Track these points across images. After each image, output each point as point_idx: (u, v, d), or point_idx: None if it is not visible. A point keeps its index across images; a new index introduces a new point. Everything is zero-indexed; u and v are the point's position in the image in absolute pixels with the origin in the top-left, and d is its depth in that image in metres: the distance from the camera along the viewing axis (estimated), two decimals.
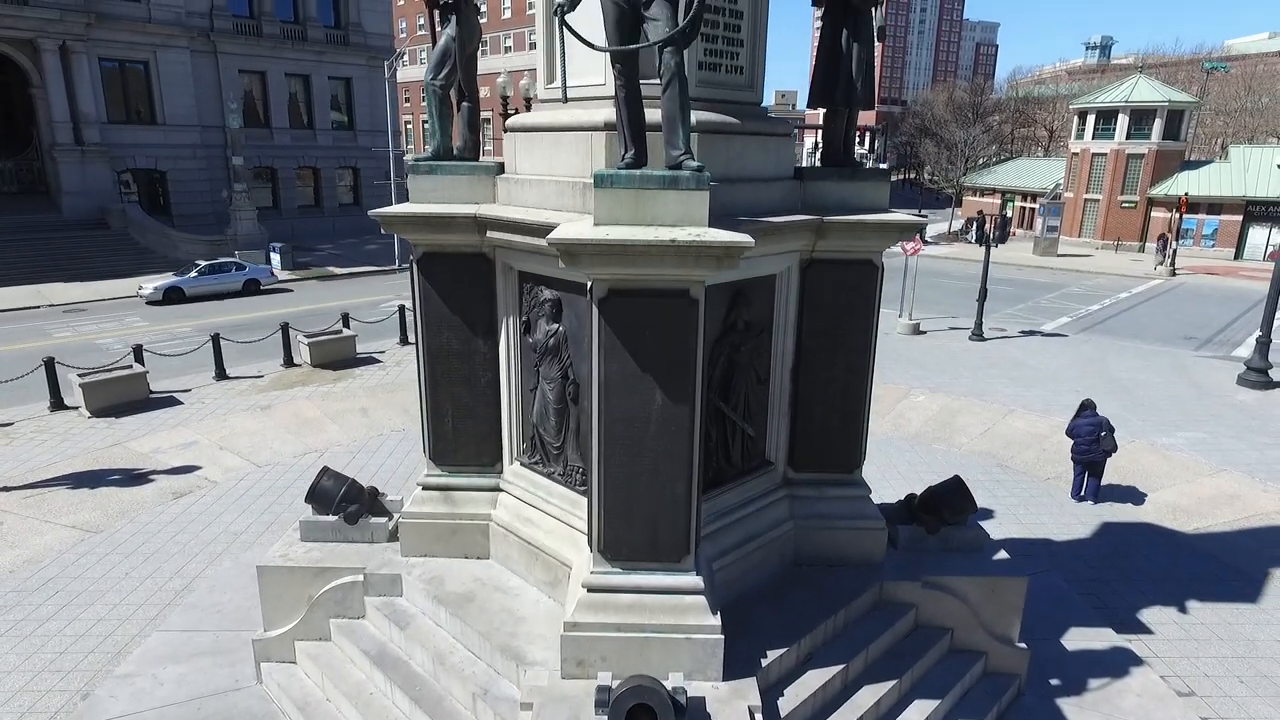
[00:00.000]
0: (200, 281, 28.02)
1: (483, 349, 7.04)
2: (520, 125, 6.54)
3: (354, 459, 13.35)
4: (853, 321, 7.02)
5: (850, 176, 6.75)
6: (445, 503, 7.36)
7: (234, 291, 28.61)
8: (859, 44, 6.43)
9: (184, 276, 28.13)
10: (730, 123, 6.08)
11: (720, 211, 5.76)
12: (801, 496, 7.36)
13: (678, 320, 5.25)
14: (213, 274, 28.51)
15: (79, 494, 11.84)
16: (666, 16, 4.97)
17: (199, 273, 28.32)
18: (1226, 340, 22.35)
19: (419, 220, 6.58)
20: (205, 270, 28.44)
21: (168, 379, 17.14)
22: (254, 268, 30.00)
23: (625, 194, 5.03)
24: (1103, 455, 11.64)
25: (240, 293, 28.70)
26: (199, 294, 27.75)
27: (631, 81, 5.17)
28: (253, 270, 29.72)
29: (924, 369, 18.60)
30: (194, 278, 28.07)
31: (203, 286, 27.94)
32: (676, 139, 5.09)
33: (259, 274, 29.80)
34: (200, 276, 28.17)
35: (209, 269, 28.56)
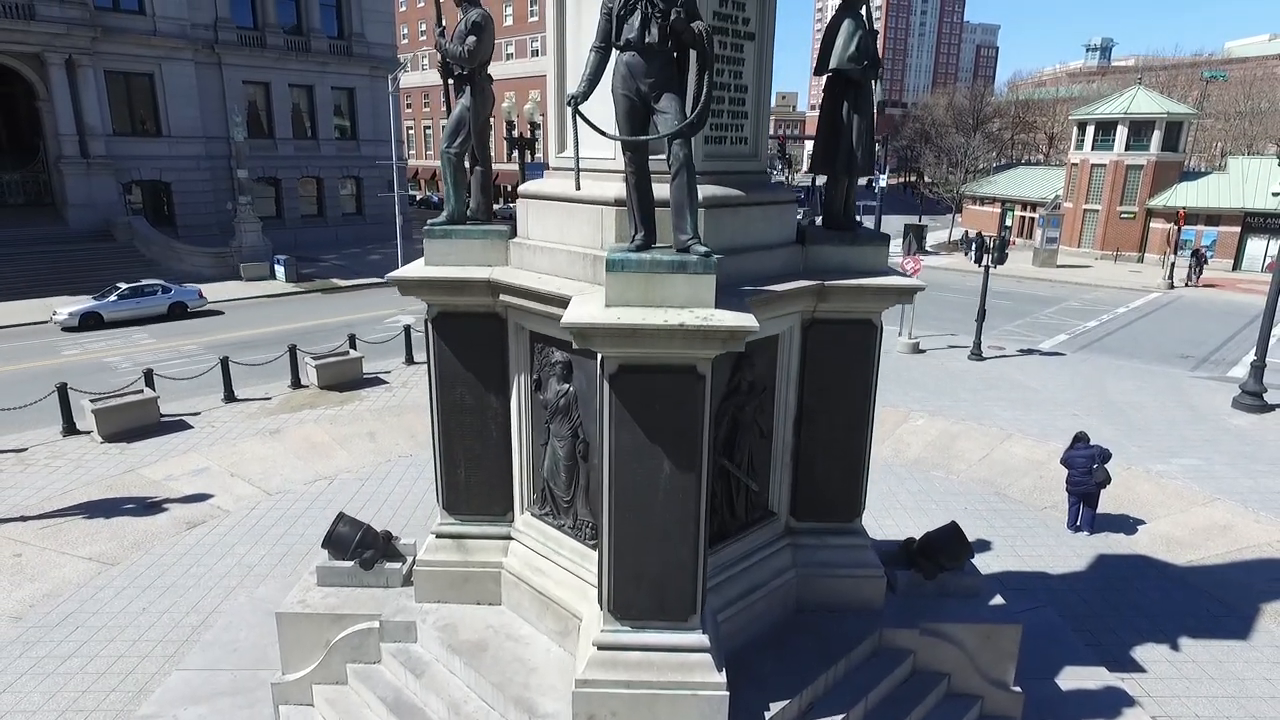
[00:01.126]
0: (120, 306, 26.19)
1: (495, 404, 7.28)
2: (533, 193, 6.77)
3: (363, 486, 13.60)
4: (853, 378, 7.25)
5: (851, 241, 6.99)
6: (458, 551, 7.60)
7: (158, 315, 26.86)
8: (859, 116, 6.67)
9: (102, 300, 26.26)
10: (736, 195, 6.31)
11: (725, 281, 5.98)
12: (803, 545, 7.59)
13: (685, 394, 5.49)
14: (134, 297, 26.63)
15: (94, 524, 12.08)
16: (675, 109, 5.21)
17: (119, 296, 26.42)
18: (1222, 359, 22.59)
19: (435, 284, 6.82)
20: (126, 293, 26.54)
21: (177, 401, 17.39)
22: (179, 289, 28.21)
23: (636, 277, 5.27)
24: (1096, 487, 11.87)
25: (165, 316, 26.99)
26: (119, 319, 26.03)
27: (641, 168, 5.41)
28: (178, 292, 27.95)
29: (924, 390, 18.83)
30: (113, 302, 26.21)
31: (123, 311, 26.15)
32: (684, 224, 5.33)
33: (185, 296, 28.05)
34: (120, 300, 26.29)
35: (130, 292, 26.68)
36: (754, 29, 6.47)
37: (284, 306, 30.05)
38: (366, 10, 44.70)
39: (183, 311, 27.48)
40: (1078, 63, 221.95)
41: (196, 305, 28.12)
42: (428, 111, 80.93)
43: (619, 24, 5.19)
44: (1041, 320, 27.87)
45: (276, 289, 32.83)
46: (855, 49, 6.43)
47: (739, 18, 6.33)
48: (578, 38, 6.42)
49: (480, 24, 6.60)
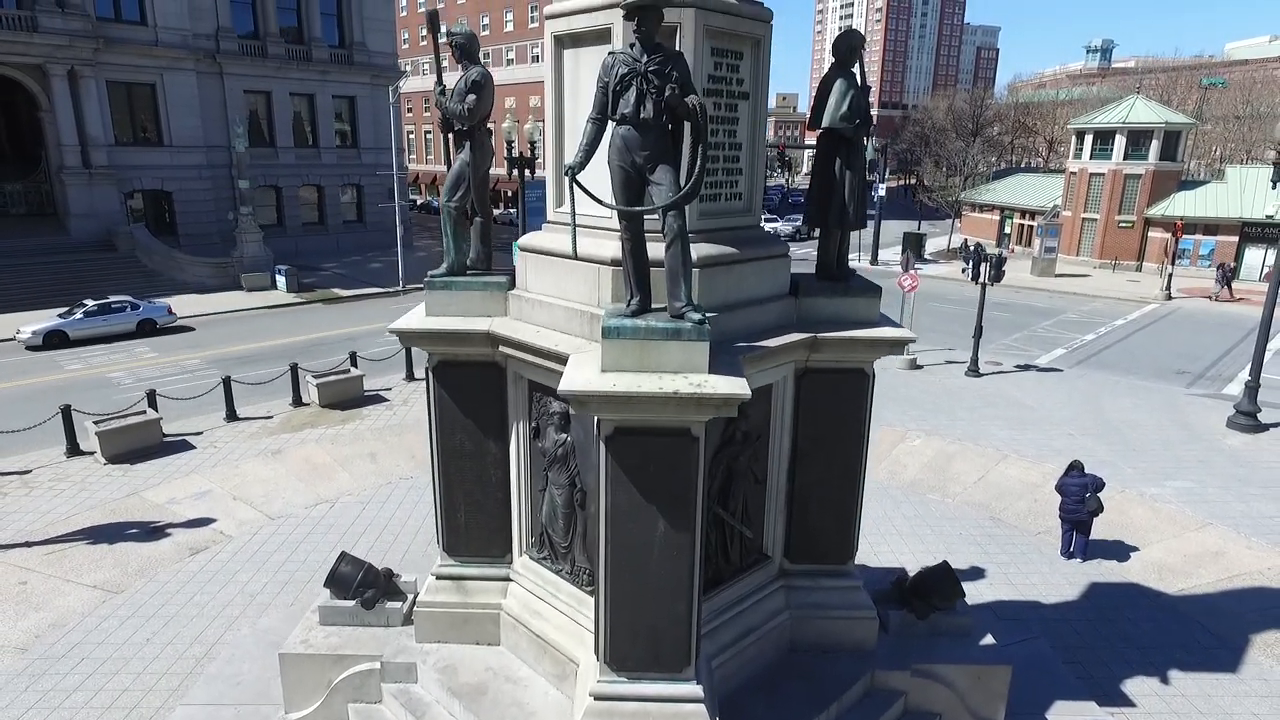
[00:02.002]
0: (86, 323, 25.50)
1: (494, 450, 7.42)
2: (532, 247, 6.90)
3: (364, 510, 13.73)
4: (846, 425, 7.39)
5: (843, 292, 7.12)
6: (458, 592, 7.73)
7: (127, 333, 26.15)
8: (851, 172, 6.80)
9: (68, 318, 25.57)
10: (729, 253, 6.44)
11: (719, 338, 6.13)
12: (797, 587, 7.72)
13: (680, 456, 5.62)
14: (101, 315, 25.85)
15: (99, 550, 12.22)
16: (669, 181, 5.34)
17: (85, 314, 25.71)
18: (1218, 375, 22.71)
19: (436, 335, 6.96)
20: (93, 310, 25.81)
21: (180, 420, 17.52)
22: (148, 306, 27.36)
23: (631, 344, 5.41)
24: (1089, 515, 12.00)
25: (134, 334, 26.29)
26: (85, 337, 25.33)
27: (637, 236, 5.54)
28: (147, 309, 27.13)
29: (920, 408, 18.96)
30: (79, 319, 25.52)
31: (89, 329, 25.47)
32: (679, 291, 5.46)
33: (154, 313, 27.22)
34: (86, 318, 25.59)
35: (97, 309, 25.90)
36: (748, 88, 6.60)
37: (285, 318, 30.18)
38: (367, 19, 44.84)
39: (152, 328, 26.78)
40: (1078, 64, 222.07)
41: (166, 322, 27.42)
42: (428, 116, 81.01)
43: (615, 99, 5.32)
44: (1039, 333, 28.00)
45: (277, 299, 32.96)
46: (848, 108, 6.56)
47: (733, 79, 6.46)
48: (575, 101, 6.55)
49: (480, 82, 6.74)
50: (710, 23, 6.05)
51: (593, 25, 6.17)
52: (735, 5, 6.20)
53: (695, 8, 5.90)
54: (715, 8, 6.05)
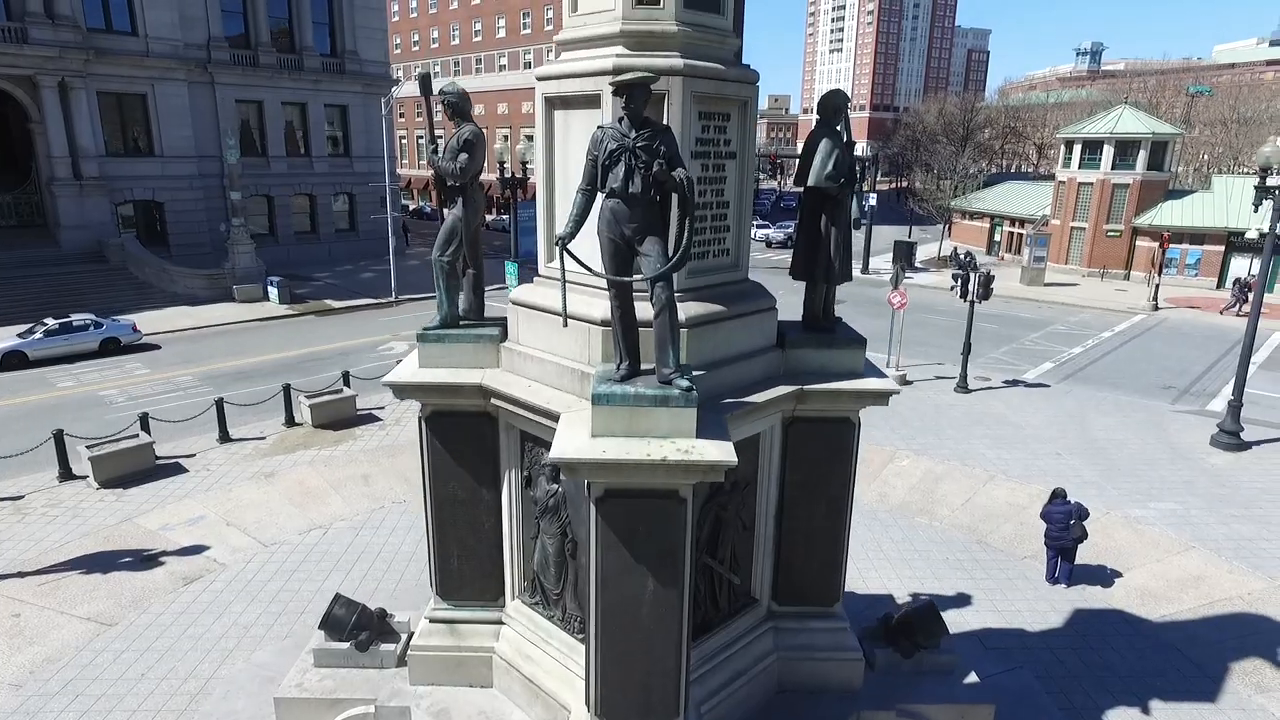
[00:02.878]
0: (46, 343, 24.68)
1: (486, 497, 7.54)
2: (523, 301, 7.02)
3: (357, 536, 13.81)
4: (832, 471, 7.54)
5: (829, 344, 7.27)
6: (451, 635, 7.85)
7: (89, 353, 25.36)
8: (836, 228, 6.95)
9: (28, 338, 24.76)
10: (717, 311, 6.58)
11: (706, 395, 6.29)
12: (785, 628, 7.87)
13: (668, 517, 5.76)
14: (62, 334, 25.03)
15: (92, 580, 12.26)
16: (657, 253, 5.48)
17: (45, 333, 24.87)
18: (1203, 390, 22.98)
19: (429, 388, 7.09)
20: (54, 330, 25.01)
21: (172, 442, 17.55)
22: (111, 324, 26.41)
23: (621, 410, 5.55)
24: (1073, 542, 12.20)
25: (97, 354, 25.47)
26: (46, 358, 24.46)
27: (626, 303, 5.68)
28: (111, 328, 26.21)
29: (909, 426, 19.15)
30: (39, 339, 24.69)
31: (49, 349, 24.65)
32: (667, 358, 5.60)
33: (118, 331, 26.31)
34: (47, 338, 24.79)
35: (59, 328, 25.12)
36: (735, 148, 6.74)
37: (277, 331, 30.16)
38: (359, 28, 44.82)
39: (116, 347, 25.93)
40: (1068, 66, 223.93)
41: (131, 340, 26.55)
42: (419, 121, 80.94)
43: (604, 172, 5.46)
44: (1028, 346, 28.25)
45: (270, 311, 32.92)
46: (832, 168, 6.71)
47: (720, 140, 6.60)
48: (565, 158, 6.68)
49: (471, 141, 6.86)
50: (698, 89, 6.20)
51: (582, 90, 6.30)
52: (722, 71, 6.35)
53: (683, 76, 6.05)
54: (703, 74, 6.20)
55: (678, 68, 6.02)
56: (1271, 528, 14.23)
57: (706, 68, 6.22)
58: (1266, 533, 14.03)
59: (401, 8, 79.79)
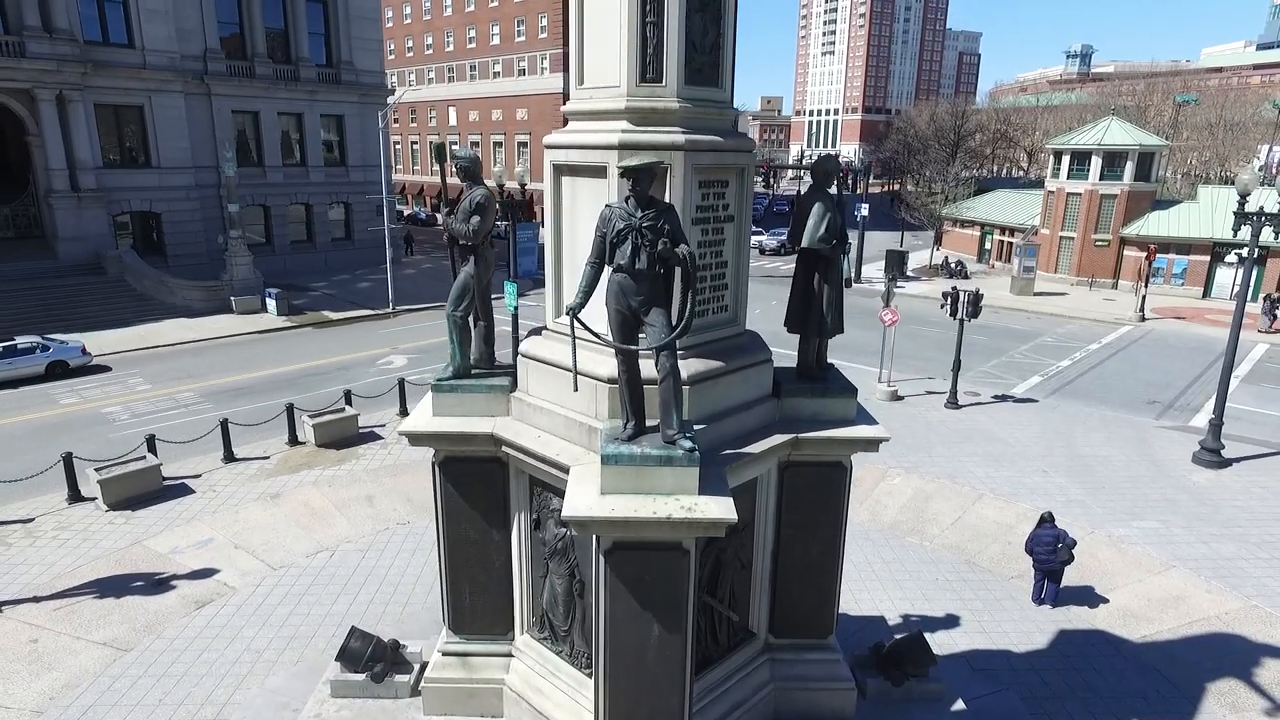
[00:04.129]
0: None
1: (497, 538, 7.92)
2: (533, 355, 7.39)
3: (364, 558, 14.15)
4: (826, 512, 7.95)
5: (822, 393, 7.67)
6: (463, 668, 8.23)
7: (35, 376, 24.62)
8: (829, 286, 7.36)
9: None
10: (717, 367, 6.98)
11: (708, 445, 6.71)
12: (781, 660, 8.28)
13: (672, 568, 6.15)
14: (6, 358, 24.43)
15: (106, 604, 12.57)
16: (662, 323, 5.87)
17: None
18: (1186, 405, 23.50)
19: (443, 436, 7.46)
20: None
21: (178, 462, 17.84)
22: (59, 348, 25.60)
23: (628, 470, 5.94)
24: (1060, 565, 12.66)
25: (43, 377, 24.73)
26: None
27: (633, 368, 6.07)
28: (58, 350, 25.47)
29: (901, 444, 19.55)
30: None
31: None
32: (671, 421, 5.99)
33: (66, 354, 25.57)
34: None
35: (3, 351, 24.53)
36: (733, 212, 7.15)
37: (276, 345, 30.42)
38: (355, 39, 45.07)
39: (64, 370, 25.26)
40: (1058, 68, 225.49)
41: (79, 362, 25.77)
42: (414, 127, 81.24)
43: (612, 249, 5.84)
44: (1017, 359, 28.75)
45: (268, 323, 33.19)
46: (825, 231, 7.11)
47: (719, 205, 7.00)
48: (573, 222, 7.07)
49: (483, 204, 7.24)
50: (698, 162, 6.60)
51: (589, 161, 6.70)
52: (720, 143, 6.75)
53: (685, 151, 6.45)
54: (703, 148, 6.60)
55: (679, 143, 6.42)
56: (1249, 547, 14.72)
57: (706, 141, 6.62)
58: (1244, 552, 14.52)
59: (396, 14, 79.96)
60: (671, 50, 6.43)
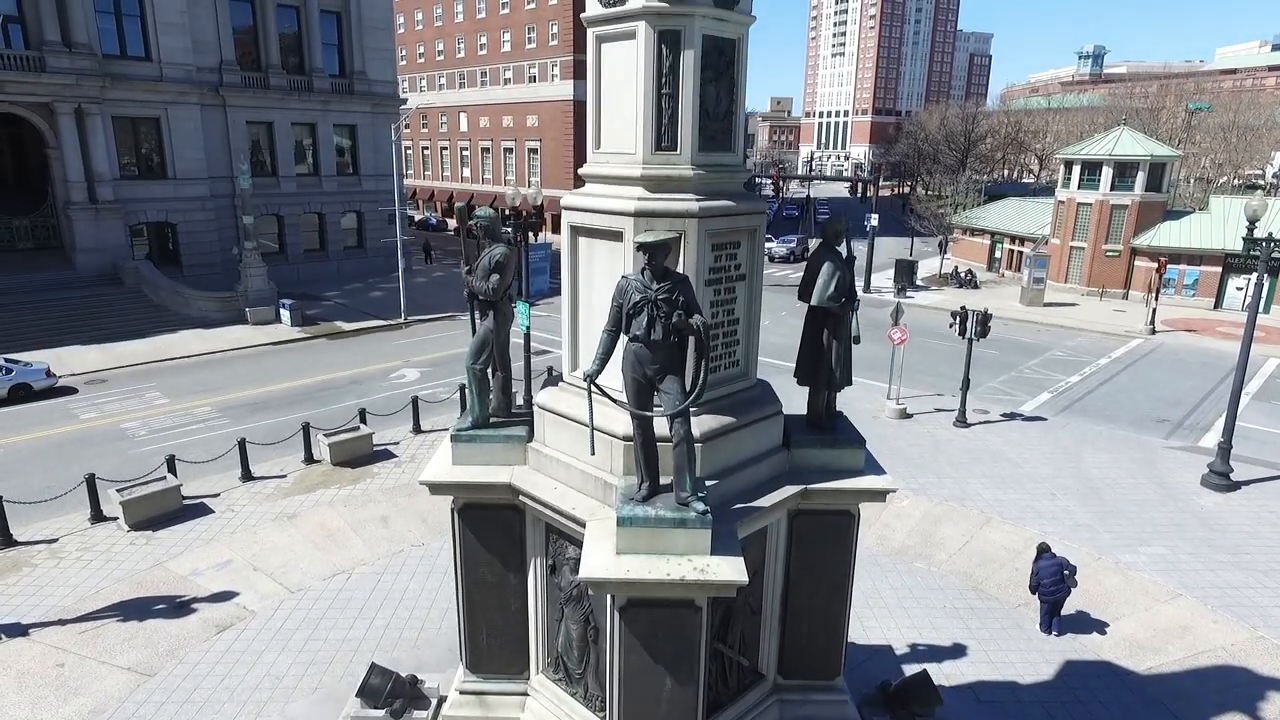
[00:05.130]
0: None
1: (513, 582, 8.14)
2: (549, 407, 7.60)
3: (379, 581, 14.42)
4: (834, 557, 8.12)
5: (831, 444, 7.85)
6: (480, 706, 8.45)
7: None
8: (838, 341, 7.55)
9: None
10: (728, 423, 7.17)
11: (719, 499, 6.93)
12: (789, 700, 8.45)
13: (685, 623, 6.36)
14: None
15: (129, 628, 12.88)
16: (676, 390, 6.08)
17: None
18: (1195, 425, 23.53)
19: (462, 486, 7.69)
20: None
21: (197, 481, 18.17)
22: (21, 370, 24.97)
23: (643, 531, 6.15)
24: (1065, 593, 12.82)
25: (6, 400, 23.98)
26: None
27: (647, 432, 6.28)
28: (21, 373, 24.81)
29: (909, 464, 19.72)
30: None
31: None
32: (684, 483, 6.20)
33: (29, 376, 24.90)
34: None
35: None
36: (745, 270, 7.34)
37: (290, 357, 30.78)
38: (368, 49, 45.50)
39: (28, 393, 24.52)
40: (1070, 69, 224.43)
41: (43, 384, 25.08)
42: (425, 132, 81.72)
43: (628, 319, 6.05)
44: (1026, 375, 28.81)
45: (282, 335, 33.58)
46: (834, 289, 7.30)
47: (731, 266, 7.20)
48: (590, 280, 7.29)
49: (503, 262, 7.46)
50: (711, 228, 6.80)
51: (606, 226, 6.90)
52: (733, 207, 6.94)
53: (699, 218, 6.65)
54: (717, 214, 6.79)
55: (693, 211, 6.62)
56: (1256, 575, 14.80)
57: (720, 206, 6.81)
58: (1251, 580, 14.60)
59: (407, 21, 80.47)
60: (686, 120, 6.63)
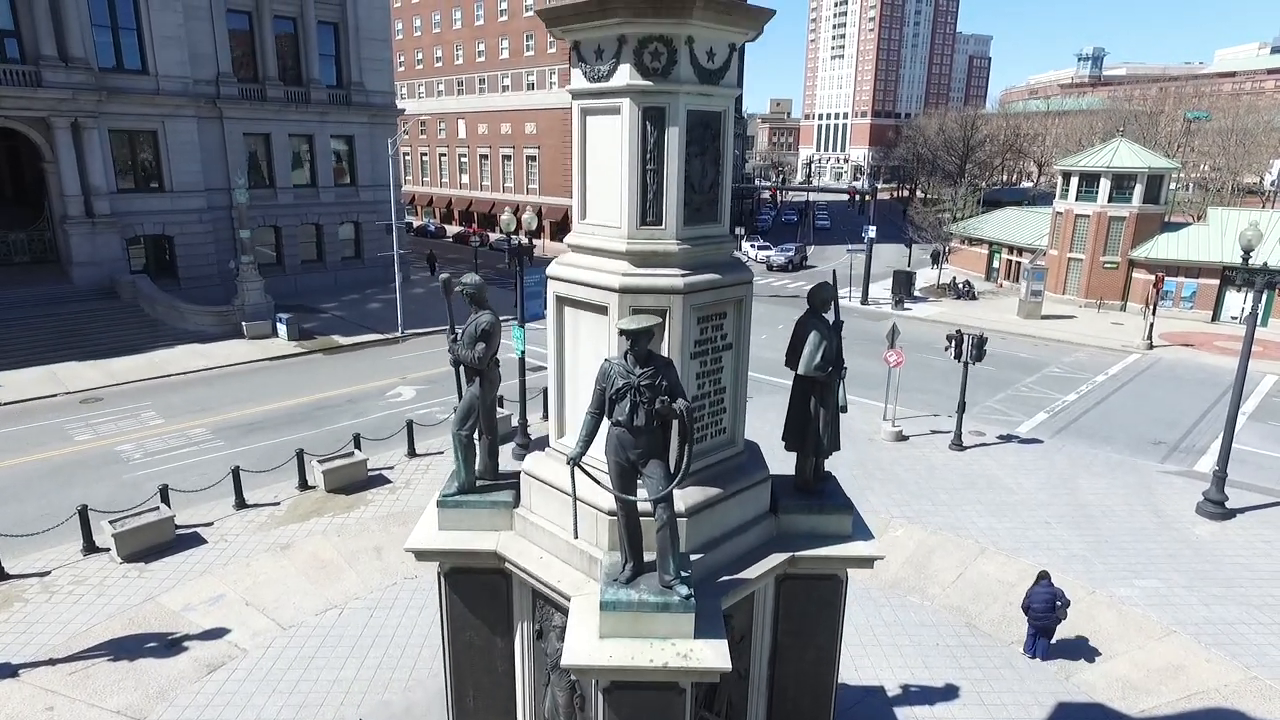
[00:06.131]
0: None
1: (500, 645, 8.11)
2: (535, 475, 7.57)
3: (372, 617, 14.38)
4: (822, 621, 8.09)
5: (819, 509, 7.82)
6: None
7: None
8: (824, 409, 7.52)
9: None
10: (715, 495, 7.14)
11: (704, 572, 6.92)
12: None
13: (668, 705, 6.32)
14: None
15: (120, 668, 12.84)
16: (660, 475, 6.05)
17: None
18: (1191, 447, 23.49)
19: (449, 553, 7.67)
20: None
21: (190, 509, 18.12)
22: None
23: (626, 615, 6.13)
24: (1055, 622, 12.98)
25: None
26: None
27: (631, 514, 6.26)
28: None
29: (904, 490, 19.70)
30: None
31: None
32: (668, 566, 6.17)
33: None
34: None
35: None
36: (731, 340, 7.31)
37: (286, 373, 30.74)
38: (365, 60, 45.48)
39: None
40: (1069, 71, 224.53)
41: None
42: (424, 139, 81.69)
43: (611, 404, 6.02)
44: (1022, 393, 28.78)
45: (279, 349, 33.53)
46: (820, 359, 7.28)
47: (718, 337, 7.18)
48: (575, 351, 7.26)
49: (489, 331, 7.44)
50: (697, 301, 6.77)
51: (590, 300, 6.88)
52: (719, 280, 6.92)
53: (683, 294, 6.62)
54: (702, 288, 6.77)
55: (678, 287, 6.60)
56: (1250, 610, 14.78)
57: (705, 280, 6.79)
58: (1245, 616, 14.57)
59: (406, 27, 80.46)
60: (671, 195, 6.61)
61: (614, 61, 6.42)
